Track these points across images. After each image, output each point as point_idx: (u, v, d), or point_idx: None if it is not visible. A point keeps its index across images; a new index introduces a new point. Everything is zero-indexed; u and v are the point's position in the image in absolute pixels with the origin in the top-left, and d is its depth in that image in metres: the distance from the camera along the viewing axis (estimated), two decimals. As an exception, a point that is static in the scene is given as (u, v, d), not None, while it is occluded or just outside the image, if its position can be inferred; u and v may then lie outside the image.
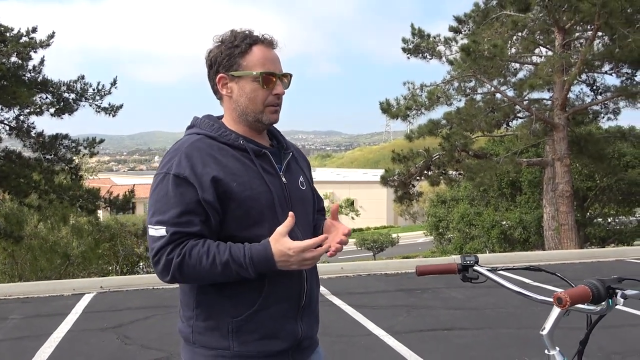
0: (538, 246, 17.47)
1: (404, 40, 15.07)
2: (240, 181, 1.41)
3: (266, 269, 1.37)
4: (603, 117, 15.66)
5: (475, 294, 6.17)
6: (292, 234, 1.41)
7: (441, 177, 14.85)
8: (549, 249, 13.85)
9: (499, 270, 1.77)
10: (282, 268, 1.38)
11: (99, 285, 7.01)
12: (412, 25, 15.14)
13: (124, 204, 13.42)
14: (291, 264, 1.37)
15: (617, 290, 1.34)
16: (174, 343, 1.56)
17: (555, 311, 1.50)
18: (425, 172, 14.89)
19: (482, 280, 1.77)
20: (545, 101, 14.73)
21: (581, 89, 15.27)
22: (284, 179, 1.51)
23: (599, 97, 15.10)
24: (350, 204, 44.62)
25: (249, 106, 1.48)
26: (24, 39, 11.76)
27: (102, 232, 15.25)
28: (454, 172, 14.92)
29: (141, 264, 15.29)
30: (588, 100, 15.10)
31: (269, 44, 1.49)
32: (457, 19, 15.37)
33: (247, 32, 1.47)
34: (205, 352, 1.46)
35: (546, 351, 1.52)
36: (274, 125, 1.57)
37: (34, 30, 11.85)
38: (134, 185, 14.40)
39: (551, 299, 1.41)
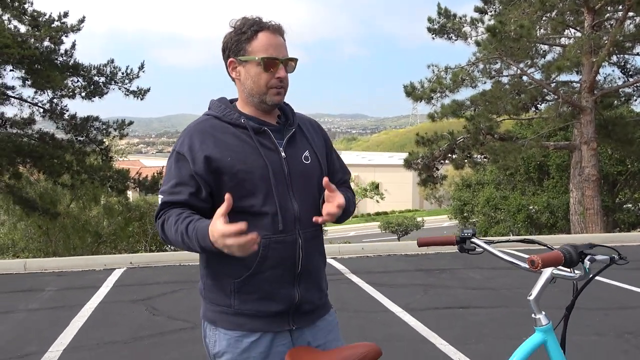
0: (565, 231, 17.26)
1: (430, 20, 14.92)
2: (235, 156, 1.57)
3: (207, 246, 1.44)
4: (635, 100, 15.36)
5: (493, 275, 6.25)
6: (288, 206, 1.57)
7: (466, 160, 14.78)
8: (575, 234, 13.73)
9: (495, 242, 1.88)
10: (221, 249, 1.40)
11: (129, 261, 7.32)
12: (438, 5, 14.98)
13: (153, 184, 13.81)
14: (223, 246, 1.39)
15: (588, 255, 1.45)
16: (199, 315, 1.75)
17: (542, 278, 1.63)
18: (450, 155, 14.84)
19: (479, 252, 1.88)
20: (573, 84, 14.46)
21: (612, 70, 14.98)
22: (283, 154, 1.64)
23: (631, 80, 14.77)
24: (375, 187, 44.64)
25: (254, 88, 1.62)
26: (56, 23, 12.10)
27: (132, 211, 15.71)
28: (478, 156, 14.82)
29: (169, 242, 15.75)
30: (619, 82, 14.77)
31: (275, 30, 1.61)
32: (484, -1, 15.14)
33: (256, 19, 1.61)
34: (213, 308, 1.65)
35: (533, 315, 1.64)
36: (289, 103, 1.72)
37: (66, 14, 12.17)
38: (162, 167, 14.75)
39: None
